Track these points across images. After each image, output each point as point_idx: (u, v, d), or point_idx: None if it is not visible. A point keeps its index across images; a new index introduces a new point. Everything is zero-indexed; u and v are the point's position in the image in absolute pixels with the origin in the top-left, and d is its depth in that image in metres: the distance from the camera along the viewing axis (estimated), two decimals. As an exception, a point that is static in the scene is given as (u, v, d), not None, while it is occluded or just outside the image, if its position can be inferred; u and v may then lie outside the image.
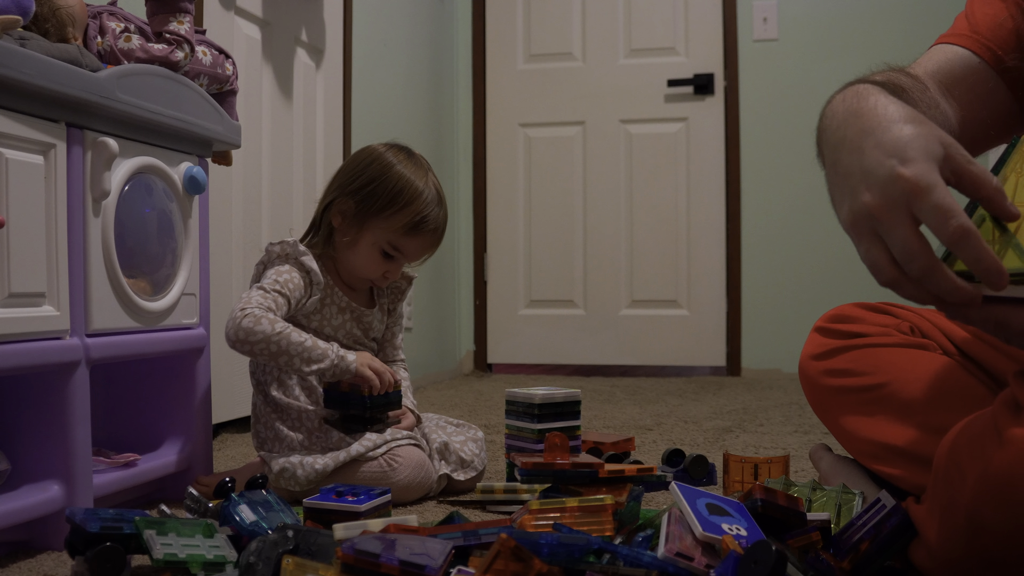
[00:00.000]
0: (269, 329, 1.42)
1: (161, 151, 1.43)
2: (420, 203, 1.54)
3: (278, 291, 1.48)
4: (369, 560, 0.81)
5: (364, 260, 1.57)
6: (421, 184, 1.55)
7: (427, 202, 1.55)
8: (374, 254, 1.56)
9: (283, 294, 1.48)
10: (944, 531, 0.87)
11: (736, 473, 1.46)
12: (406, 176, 1.55)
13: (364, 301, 1.65)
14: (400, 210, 1.53)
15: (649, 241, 3.76)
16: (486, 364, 3.92)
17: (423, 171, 1.58)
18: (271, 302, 1.46)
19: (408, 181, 1.54)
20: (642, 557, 0.84)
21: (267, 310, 1.44)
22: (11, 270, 1.13)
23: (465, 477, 1.55)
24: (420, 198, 1.54)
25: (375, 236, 1.55)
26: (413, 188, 1.54)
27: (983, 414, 0.86)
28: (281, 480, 1.45)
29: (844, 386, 1.25)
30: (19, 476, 1.21)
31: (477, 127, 3.92)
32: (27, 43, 1.16)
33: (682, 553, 0.84)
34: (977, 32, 1.10)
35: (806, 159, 4.19)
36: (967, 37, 1.11)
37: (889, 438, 1.15)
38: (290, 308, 1.50)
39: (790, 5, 3.64)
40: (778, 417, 2.48)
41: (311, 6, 2.68)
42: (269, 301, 1.46)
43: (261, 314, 1.43)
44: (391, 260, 1.57)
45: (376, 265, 1.57)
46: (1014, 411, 0.80)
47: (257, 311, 1.43)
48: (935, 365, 1.18)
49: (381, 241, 1.55)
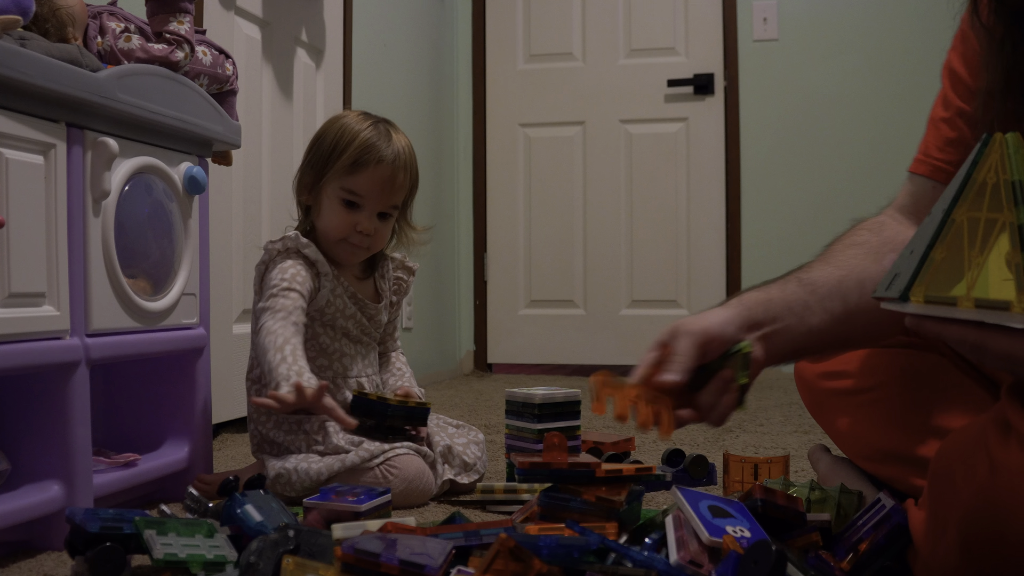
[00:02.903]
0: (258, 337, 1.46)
1: (161, 151, 1.43)
2: (361, 140, 1.54)
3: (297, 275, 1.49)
4: (369, 560, 0.81)
5: (330, 219, 1.56)
6: (363, 127, 1.56)
7: (368, 137, 1.55)
8: (336, 207, 1.55)
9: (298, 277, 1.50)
10: (938, 544, 0.87)
11: (736, 473, 1.46)
12: (348, 124, 1.56)
13: (369, 294, 1.65)
14: (342, 152, 1.54)
15: (649, 241, 3.76)
16: (486, 364, 3.92)
17: (372, 120, 1.58)
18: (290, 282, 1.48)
19: (348, 126, 1.56)
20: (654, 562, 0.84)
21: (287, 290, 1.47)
22: (11, 270, 1.13)
23: (468, 480, 1.55)
24: (360, 135, 1.54)
25: (331, 188, 1.55)
26: (353, 130, 1.55)
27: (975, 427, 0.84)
28: (277, 486, 1.44)
29: (839, 388, 1.24)
30: (19, 476, 1.20)
31: (477, 127, 3.92)
32: (27, 43, 1.16)
33: (694, 561, 0.84)
34: (928, 155, 1.12)
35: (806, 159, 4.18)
36: (921, 162, 1.13)
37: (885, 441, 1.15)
38: (305, 301, 1.50)
39: (790, 5, 3.64)
40: (778, 417, 2.48)
41: (311, 6, 2.68)
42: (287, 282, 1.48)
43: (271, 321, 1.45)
44: (354, 208, 1.55)
45: (342, 219, 1.55)
46: (1003, 432, 0.79)
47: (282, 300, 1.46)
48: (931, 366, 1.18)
49: (336, 190, 1.55)
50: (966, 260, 0.73)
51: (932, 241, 0.76)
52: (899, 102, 3.51)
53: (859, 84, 3.55)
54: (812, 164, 3.62)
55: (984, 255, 0.72)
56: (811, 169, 3.62)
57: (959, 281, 0.73)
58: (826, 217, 3.57)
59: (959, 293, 0.73)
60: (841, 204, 3.56)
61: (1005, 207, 0.72)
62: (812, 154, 3.62)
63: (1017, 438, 0.77)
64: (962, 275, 0.73)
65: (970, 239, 0.74)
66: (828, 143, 3.60)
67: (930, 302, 0.75)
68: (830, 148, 3.59)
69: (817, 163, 3.61)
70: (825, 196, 3.59)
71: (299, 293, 1.49)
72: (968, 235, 0.74)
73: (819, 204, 3.60)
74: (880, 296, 0.81)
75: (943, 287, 0.74)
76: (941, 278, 0.74)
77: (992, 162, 0.75)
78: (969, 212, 0.75)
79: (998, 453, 0.78)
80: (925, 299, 0.75)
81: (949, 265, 0.74)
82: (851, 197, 3.56)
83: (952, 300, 0.73)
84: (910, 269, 0.76)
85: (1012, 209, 0.72)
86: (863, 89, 3.55)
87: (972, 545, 0.81)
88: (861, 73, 3.56)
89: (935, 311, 0.75)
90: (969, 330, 0.74)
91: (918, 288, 0.75)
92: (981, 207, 0.74)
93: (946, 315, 0.74)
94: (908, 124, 3.52)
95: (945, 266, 0.74)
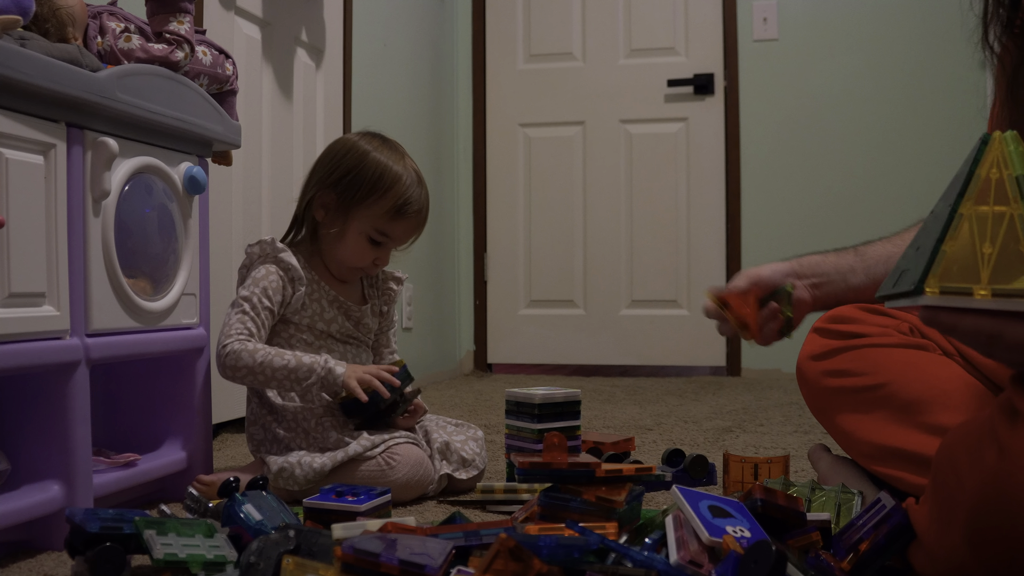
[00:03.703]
0: (250, 361, 1.48)
1: (161, 151, 1.43)
2: (401, 186, 1.56)
3: (256, 305, 1.52)
4: (369, 560, 0.81)
5: (352, 249, 1.58)
6: (399, 168, 1.57)
7: (408, 185, 1.57)
8: (362, 242, 1.57)
9: (262, 308, 1.52)
10: (944, 538, 0.87)
11: (736, 473, 1.46)
12: (383, 162, 1.56)
13: (355, 297, 1.65)
14: (382, 196, 1.55)
15: (649, 241, 3.76)
16: (486, 364, 3.92)
17: (399, 155, 1.60)
18: (250, 324, 1.51)
19: (386, 166, 1.56)
20: (654, 562, 0.84)
21: (248, 337, 1.50)
22: (11, 270, 1.13)
23: (467, 476, 1.55)
24: (400, 181, 1.56)
25: (361, 224, 1.56)
26: (392, 173, 1.56)
27: (980, 418, 0.85)
28: (280, 480, 1.45)
29: (843, 387, 1.24)
30: (19, 476, 1.20)
31: (477, 127, 3.91)
32: (27, 43, 1.16)
33: (694, 561, 0.84)
34: None
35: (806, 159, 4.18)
36: None
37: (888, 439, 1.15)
38: (274, 316, 1.54)
39: (790, 5, 3.64)
40: (778, 417, 2.48)
41: (311, 6, 2.68)
42: (248, 324, 1.51)
43: (240, 348, 1.49)
44: (379, 246, 1.59)
45: (365, 253, 1.58)
46: (1011, 418, 0.80)
47: (236, 345, 1.49)
48: (934, 365, 1.18)
49: (367, 228, 1.56)
50: (978, 252, 0.76)
51: (942, 236, 0.78)
52: (899, 102, 3.51)
53: (859, 84, 3.55)
54: (812, 164, 3.62)
55: (995, 247, 0.76)
56: (811, 169, 3.62)
57: (973, 272, 0.76)
58: (826, 217, 3.57)
59: (974, 283, 0.76)
60: (841, 204, 3.56)
61: (1012, 200, 0.76)
62: (812, 154, 3.62)
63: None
64: (976, 266, 0.76)
65: (980, 232, 0.77)
66: (828, 143, 3.60)
67: (946, 293, 0.77)
68: (830, 148, 3.59)
69: (817, 163, 3.61)
70: (825, 196, 3.59)
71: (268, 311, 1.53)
72: (978, 228, 0.77)
73: (819, 204, 3.60)
74: (886, 294, 0.84)
75: (958, 278, 0.76)
76: (955, 269, 0.77)
77: (993, 158, 0.78)
78: (976, 207, 0.78)
79: (1007, 439, 0.79)
80: (940, 290, 0.77)
81: (962, 257, 0.77)
82: (851, 197, 3.56)
83: (968, 290, 0.76)
84: (921, 264, 0.78)
85: (1018, 201, 0.76)
86: (863, 89, 3.55)
87: (979, 535, 0.82)
88: (861, 73, 3.56)
89: (951, 302, 0.77)
90: (984, 320, 0.76)
91: (932, 280, 0.77)
92: (988, 201, 0.77)
93: (963, 305, 0.76)
94: (908, 124, 3.53)
95: (958, 258, 0.77)
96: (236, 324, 1.52)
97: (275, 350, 1.49)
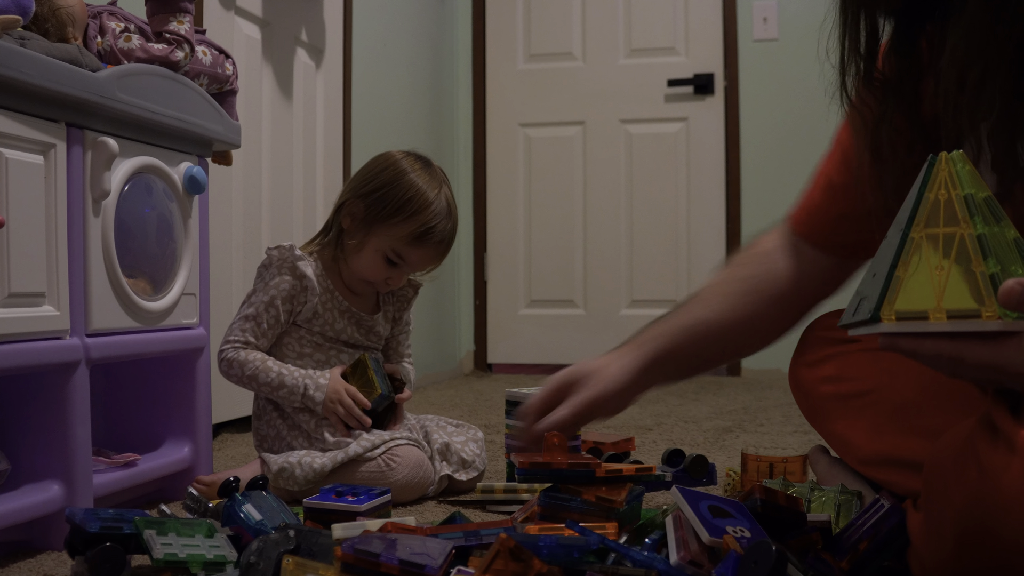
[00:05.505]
0: (240, 373, 1.53)
1: (161, 151, 1.43)
2: (428, 214, 1.53)
3: (261, 314, 1.54)
4: (369, 560, 0.81)
5: (367, 264, 1.57)
6: (432, 195, 1.54)
7: (435, 213, 1.54)
8: (378, 260, 1.56)
9: (267, 316, 1.54)
10: (936, 548, 0.87)
11: (754, 472, 1.46)
12: (417, 185, 1.54)
13: (367, 307, 1.64)
14: (407, 219, 1.53)
15: (649, 241, 3.76)
16: (486, 364, 3.92)
17: (437, 182, 1.57)
18: (250, 333, 1.54)
19: (419, 190, 1.54)
20: (654, 562, 0.84)
21: (243, 345, 1.54)
22: (11, 270, 1.13)
23: (467, 477, 1.55)
24: (428, 209, 1.53)
25: (380, 242, 1.54)
26: (423, 198, 1.53)
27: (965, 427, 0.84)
28: (280, 480, 1.45)
29: (835, 392, 1.23)
30: (19, 476, 1.21)
31: (477, 127, 3.92)
32: (27, 43, 1.16)
33: (694, 561, 0.84)
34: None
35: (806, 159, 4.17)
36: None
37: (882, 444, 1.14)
38: (280, 325, 1.56)
39: (790, 5, 3.64)
40: (778, 417, 2.48)
41: (311, 6, 2.68)
42: (248, 332, 1.54)
43: (233, 357, 1.53)
44: (394, 267, 1.57)
45: (379, 270, 1.57)
46: (991, 435, 0.79)
47: (230, 354, 1.54)
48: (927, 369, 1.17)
49: (385, 247, 1.54)
50: (931, 275, 0.76)
51: (894, 261, 0.78)
52: (899, 102, 3.51)
53: (859, 84, 3.55)
54: (812, 164, 3.60)
55: (948, 268, 0.75)
56: (811, 169, 3.61)
57: (928, 295, 0.75)
58: (826, 217, 3.57)
59: (929, 306, 0.75)
60: (841, 204, 3.56)
61: (961, 220, 0.75)
62: (812, 154, 3.61)
63: (1004, 441, 0.76)
64: (930, 290, 0.75)
65: (932, 254, 0.76)
66: (828, 143, 3.59)
67: (902, 319, 0.76)
68: (830, 148, 3.59)
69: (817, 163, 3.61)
70: (825, 196, 3.59)
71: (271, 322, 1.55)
72: (929, 251, 0.77)
73: (819, 204, 3.60)
74: (847, 323, 0.83)
75: (913, 303, 0.76)
76: (909, 295, 0.76)
77: (941, 180, 0.77)
78: (927, 229, 0.77)
79: (986, 457, 0.78)
80: (896, 316, 0.76)
81: (915, 282, 0.76)
82: (851, 197, 3.55)
83: (924, 314, 0.75)
84: (876, 291, 0.78)
85: (968, 221, 0.75)
86: (863, 89, 3.55)
87: (966, 546, 0.81)
88: (861, 73, 3.55)
89: (908, 327, 0.76)
90: (944, 343, 0.75)
91: (888, 307, 0.77)
92: (938, 223, 0.77)
93: (920, 330, 0.76)
94: (908, 124, 3.53)
95: (911, 283, 0.76)
96: (237, 331, 1.55)
97: (263, 364, 1.52)
